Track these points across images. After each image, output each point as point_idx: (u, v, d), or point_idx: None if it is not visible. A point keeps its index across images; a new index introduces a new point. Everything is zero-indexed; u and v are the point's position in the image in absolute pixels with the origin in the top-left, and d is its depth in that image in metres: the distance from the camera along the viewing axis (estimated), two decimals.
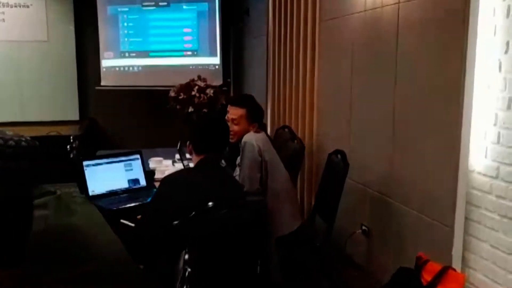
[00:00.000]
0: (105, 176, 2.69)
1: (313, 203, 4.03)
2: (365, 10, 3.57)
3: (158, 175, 3.21)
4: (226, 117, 3.19)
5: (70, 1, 7.16)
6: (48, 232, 1.00)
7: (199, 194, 2.02)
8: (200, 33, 6.66)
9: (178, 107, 5.12)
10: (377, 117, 3.48)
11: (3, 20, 6.98)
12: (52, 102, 7.33)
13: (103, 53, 6.81)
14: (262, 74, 5.92)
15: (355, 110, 3.81)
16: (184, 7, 6.62)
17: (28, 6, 7.06)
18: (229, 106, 3.21)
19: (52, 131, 7.03)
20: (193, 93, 5.04)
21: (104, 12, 6.72)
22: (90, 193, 2.64)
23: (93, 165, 2.69)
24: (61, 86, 7.31)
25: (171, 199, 2.03)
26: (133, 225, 2.19)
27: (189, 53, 6.71)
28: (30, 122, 7.22)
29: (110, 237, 1.15)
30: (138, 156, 2.96)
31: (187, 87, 5.12)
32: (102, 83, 6.93)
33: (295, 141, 3.93)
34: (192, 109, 5.04)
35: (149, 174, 3.14)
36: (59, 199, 1.16)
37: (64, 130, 7.19)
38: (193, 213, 1.84)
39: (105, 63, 6.84)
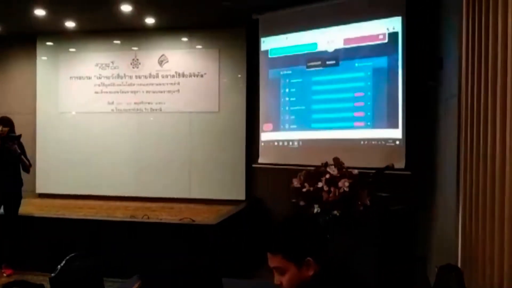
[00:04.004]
0: None
1: None
2: None
3: None
4: None
5: (243, 68, 6.43)
6: None
7: None
8: (376, 97, 4.91)
9: (301, 203, 3.49)
10: None
11: (178, 90, 6.69)
12: (219, 179, 6.59)
13: (262, 125, 5.73)
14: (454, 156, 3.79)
15: None
16: (357, 64, 5.02)
17: (202, 75, 6.61)
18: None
19: (214, 211, 6.16)
20: (320, 184, 3.35)
21: (265, 76, 5.69)
22: None
23: None
24: (229, 161, 6.53)
25: None
26: None
27: (361, 124, 5.00)
28: (196, 200, 6.61)
29: None
30: None
31: (315, 175, 3.46)
32: (260, 160, 5.81)
33: None
34: (319, 209, 3.33)
35: None
36: None
37: (228, 211, 6.22)
38: None
39: (264, 136, 5.72)
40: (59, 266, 2.20)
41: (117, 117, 6.86)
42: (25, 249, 5.07)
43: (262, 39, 5.74)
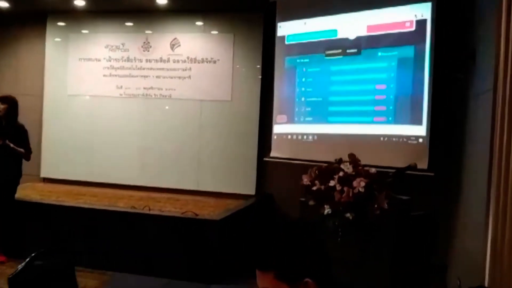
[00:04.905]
0: None
1: None
2: None
3: None
4: None
5: (258, 55, 6.07)
6: None
7: None
8: (399, 90, 4.50)
9: (311, 203, 3.14)
10: None
11: (189, 77, 6.36)
12: (229, 172, 6.26)
13: (276, 116, 5.37)
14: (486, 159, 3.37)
15: None
16: (380, 54, 4.61)
17: (215, 62, 6.27)
18: None
19: (222, 205, 5.83)
20: (332, 183, 2.99)
21: (281, 64, 5.31)
22: None
23: None
24: (240, 153, 6.19)
25: None
26: None
27: (382, 118, 4.61)
28: (204, 192, 6.30)
29: None
30: None
31: (327, 172, 3.10)
32: (272, 154, 5.46)
33: None
34: (329, 211, 2.97)
35: None
36: None
37: (236, 206, 5.89)
38: None
39: (277, 128, 5.36)
40: (19, 266, 1.91)
41: (125, 102, 6.56)
42: (20, 235, 4.84)
43: (279, 24, 5.37)
